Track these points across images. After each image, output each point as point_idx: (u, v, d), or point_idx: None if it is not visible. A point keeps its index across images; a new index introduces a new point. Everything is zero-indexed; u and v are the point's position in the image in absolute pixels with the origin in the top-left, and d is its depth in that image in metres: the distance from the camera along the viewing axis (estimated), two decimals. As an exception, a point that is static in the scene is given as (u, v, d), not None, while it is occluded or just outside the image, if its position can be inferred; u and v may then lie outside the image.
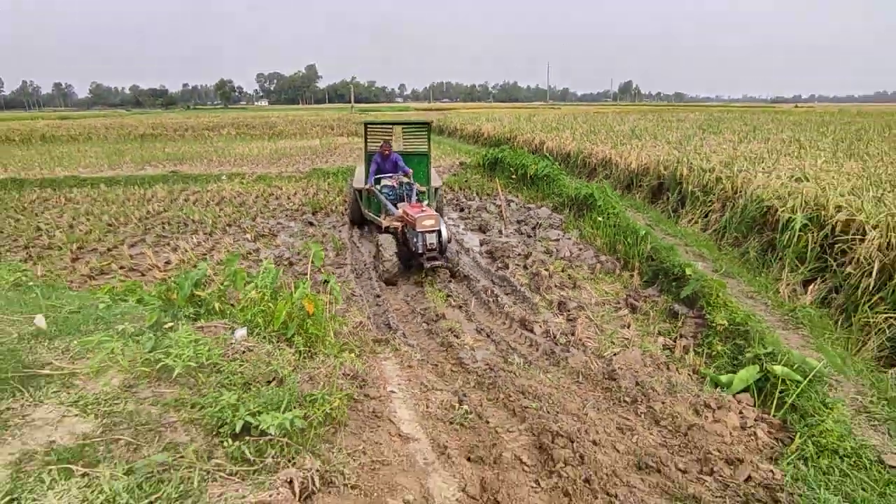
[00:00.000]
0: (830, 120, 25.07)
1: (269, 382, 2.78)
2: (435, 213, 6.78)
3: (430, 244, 6.62)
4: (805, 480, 2.64)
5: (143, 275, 7.13)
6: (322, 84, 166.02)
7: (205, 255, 7.98)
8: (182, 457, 1.85)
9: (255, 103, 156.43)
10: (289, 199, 12.32)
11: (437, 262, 6.69)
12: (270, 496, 1.68)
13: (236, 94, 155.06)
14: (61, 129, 33.13)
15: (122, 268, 7.33)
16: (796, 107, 68.38)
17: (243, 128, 33.91)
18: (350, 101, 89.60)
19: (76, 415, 1.99)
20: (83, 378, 2.35)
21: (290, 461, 1.96)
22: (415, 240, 6.66)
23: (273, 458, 1.93)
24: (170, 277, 4.85)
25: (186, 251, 7.96)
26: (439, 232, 6.70)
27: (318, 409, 2.49)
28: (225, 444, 1.95)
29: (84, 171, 16.27)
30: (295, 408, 2.17)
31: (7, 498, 1.52)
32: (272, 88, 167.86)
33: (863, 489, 2.58)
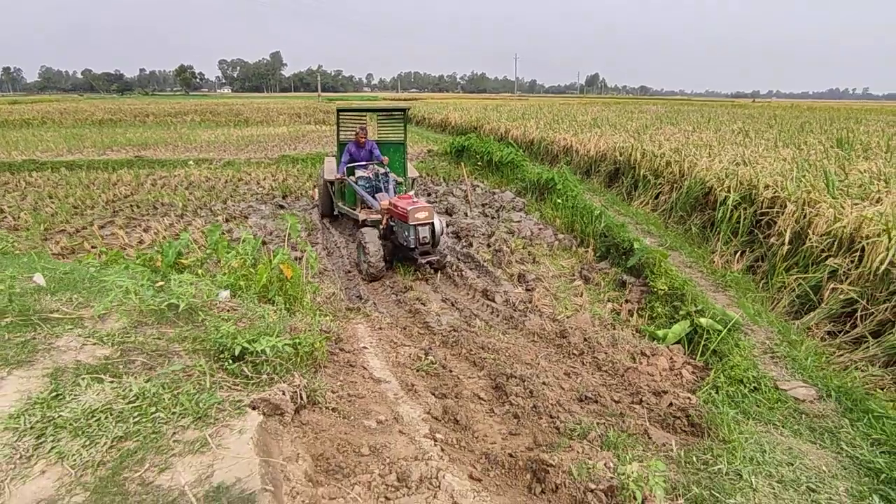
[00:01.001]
0: (782, 114, 26.42)
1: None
2: (428, 204, 6.42)
3: (424, 238, 6.28)
4: (713, 402, 3.16)
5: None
6: (287, 72, 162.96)
7: (177, 234, 8.12)
8: (190, 375, 2.20)
9: (218, 90, 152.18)
10: (258, 184, 12.43)
11: (431, 257, 6.47)
12: (269, 395, 2.05)
13: (197, 80, 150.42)
14: (13, 114, 31.82)
15: (93, 247, 7.43)
16: (754, 101, 71.14)
17: (207, 115, 33.30)
18: (317, 90, 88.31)
19: (94, 343, 2.31)
20: (91, 321, 2.65)
21: (281, 377, 2.34)
22: (406, 234, 6.30)
23: (268, 374, 2.30)
24: (162, 244, 5.07)
25: (159, 231, 8.10)
26: (433, 225, 6.37)
27: (304, 344, 2.86)
28: (226, 365, 2.31)
29: (42, 156, 15.89)
30: (285, 337, 2.54)
31: (53, 394, 1.85)
32: (235, 76, 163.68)
33: (757, 406, 3.13)
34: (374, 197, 7.35)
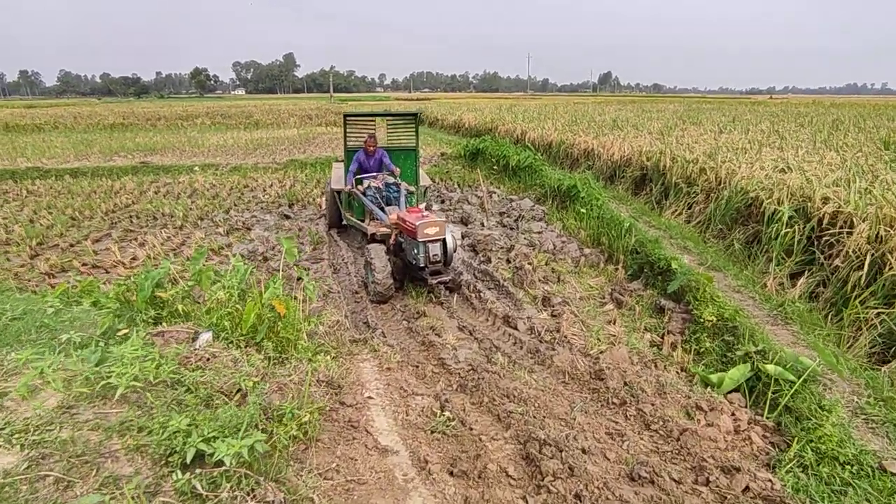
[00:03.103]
0: (806, 112, 25.40)
1: (233, 394, 2.54)
2: (439, 219, 5.75)
3: (435, 256, 5.66)
4: (806, 491, 2.50)
5: (107, 272, 6.76)
6: (300, 73, 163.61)
7: (174, 250, 7.62)
8: (121, 494, 1.60)
9: (232, 92, 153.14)
10: (264, 190, 11.93)
11: (443, 278, 5.77)
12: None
13: (212, 82, 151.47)
14: (26, 118, 31.85)
15: (84, 265, 6.93)
16: (771, 98, 69.40)
17: (218, 117, 33.05)
18: (329, 91, 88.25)
19: (1, 444, 1.73)
20: (15, 399, 2.07)
21: (249, 494, 1.73)
22: (415, 251, 5.70)
23: (229, 491, 1.70)
24: (131, 276, 4.51)
25: (154, 246, 7.59)
26: (444, 241, 5.75)
27: (286, 427, 2.25)
28: (174, 476, 1.71)
29: (48, 163, 15.57)
30: (257, 428, 1.94)
31: None
32: (249, 77, 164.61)
33: (867, 500, 2.46)
34: (383, 209, 6.74)
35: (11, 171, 14.01)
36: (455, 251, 5.97)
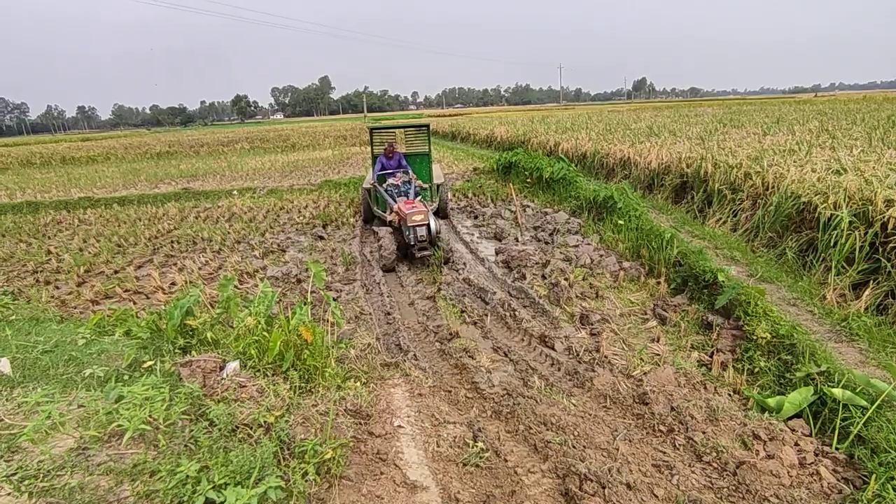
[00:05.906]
0: (857, 108, 24.10)
1: (256, 429, 2.45)
2: (424, 208, 7.66)
3: (421, 236, 7.52)
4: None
5: (147, 297, 6.90)
6: (335, 95, 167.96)
7: (211, 274, 7.74)
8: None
9: (271, 117, 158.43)
10: (300, 212, 12.08)
11: (426, 252, 7.57)
12: None
13: (252, 108, 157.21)
14: (81, 151, 33.72)
15: (126, 291, 7.12)
16: (816, 96, 66.49)
17: (257, 142, 34.14)
18: (363, 111, 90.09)
19: (8, 493, 1.67)
20: (35, 439, 2.03)
21: (260, 548, 1.61)
22: (407, 233, 7.55)
23: (239, 545, 1.59)
24: (165, 304, 4.56)
25: (192, 271, 7.73)
26: (428, 225, 7.56)
27: (307, 465, 2.13)
28: (182, 528, 1.61)
29: (99, 192, 16.33)
30: (278, 468, 1.82)
31: None
32: (287, 101, 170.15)
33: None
34: (394, 200, 8.42)
35: (65, 201, 14.73)
36: (439, 232, 7.78)
